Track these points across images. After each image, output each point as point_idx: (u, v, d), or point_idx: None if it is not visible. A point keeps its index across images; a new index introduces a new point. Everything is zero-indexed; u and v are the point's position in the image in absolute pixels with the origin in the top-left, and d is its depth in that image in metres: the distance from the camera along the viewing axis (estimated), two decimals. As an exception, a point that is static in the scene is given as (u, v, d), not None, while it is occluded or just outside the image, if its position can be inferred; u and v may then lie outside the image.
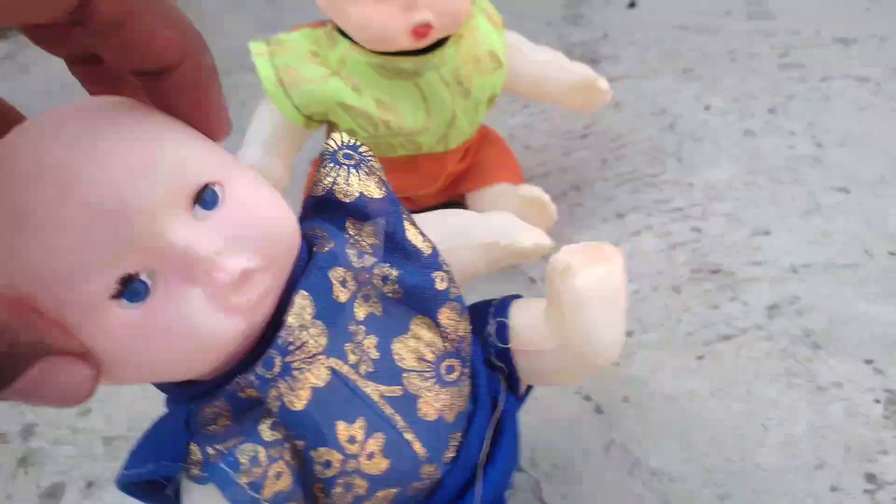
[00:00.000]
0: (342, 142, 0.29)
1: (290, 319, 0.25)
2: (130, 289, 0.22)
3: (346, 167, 0.28)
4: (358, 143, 0.30)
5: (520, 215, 0.49)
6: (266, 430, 0.25)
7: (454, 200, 0.56)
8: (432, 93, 0.45)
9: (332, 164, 0.28)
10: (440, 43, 0.44)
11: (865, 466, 0.38)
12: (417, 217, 0.30)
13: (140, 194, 0.21)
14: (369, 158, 0.29)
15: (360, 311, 0.27)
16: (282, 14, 0.86)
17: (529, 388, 0.35)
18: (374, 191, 0.28)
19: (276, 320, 0.25)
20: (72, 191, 0.21)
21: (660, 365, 0.44)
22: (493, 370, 0.32)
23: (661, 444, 0.41)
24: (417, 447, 0.28)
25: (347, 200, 0.28)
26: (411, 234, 0.28)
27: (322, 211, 0.28)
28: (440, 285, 0.28)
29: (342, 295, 0.27)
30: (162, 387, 0.27)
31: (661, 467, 0.40)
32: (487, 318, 0.32)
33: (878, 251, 0.48)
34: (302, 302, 0.25)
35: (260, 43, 0.45)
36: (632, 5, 0.78)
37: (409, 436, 0.27)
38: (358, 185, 0.28)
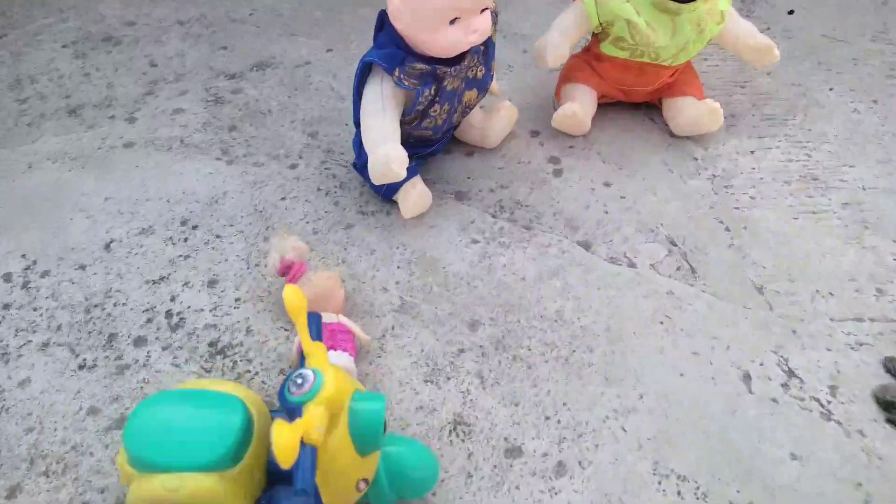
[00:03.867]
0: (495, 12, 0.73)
1: (467, 59, 0.71)
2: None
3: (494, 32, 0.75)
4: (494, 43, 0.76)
5: (699, 119, 0.80)
6: (433, 88, 0.71)
7: (652, 103, 0.87)
8: (681, 26, 0.75)
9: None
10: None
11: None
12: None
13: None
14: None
15: (469, 73, 0.74)
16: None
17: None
18: (495, 38, 0.75)
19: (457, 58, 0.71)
20: None
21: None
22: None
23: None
24: (452, 121, 0.78)
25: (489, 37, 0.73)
26: (492, 63, 0.77)
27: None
28: (489, 84, 0.78)
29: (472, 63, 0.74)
30: (402, 45, 0.69)
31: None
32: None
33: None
34: (473, 56, 0.72)
35: (589, -27, 0.76)
36: (791, 12, 1.05)
37: (450, 119, 0.78)
38: (492, 33, 0.73)
